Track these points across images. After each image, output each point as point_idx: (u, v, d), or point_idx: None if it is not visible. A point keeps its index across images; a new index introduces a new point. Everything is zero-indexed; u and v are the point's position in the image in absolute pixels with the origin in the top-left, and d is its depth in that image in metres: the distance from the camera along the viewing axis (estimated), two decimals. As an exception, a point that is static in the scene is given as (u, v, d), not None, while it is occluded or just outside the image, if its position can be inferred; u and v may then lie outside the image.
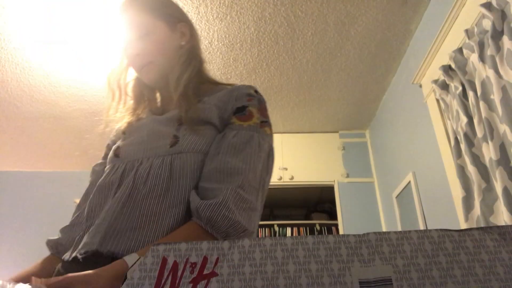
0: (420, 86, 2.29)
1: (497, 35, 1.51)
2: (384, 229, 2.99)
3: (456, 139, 1.80)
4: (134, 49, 0.84)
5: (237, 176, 0.70)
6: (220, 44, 2.46)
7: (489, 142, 1.52)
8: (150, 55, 0.84)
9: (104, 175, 0.80)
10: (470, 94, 1.70)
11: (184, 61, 0.86)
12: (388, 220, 2.98)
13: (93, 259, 0.65)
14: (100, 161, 0.94)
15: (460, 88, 1.80)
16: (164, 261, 0.35)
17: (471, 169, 1.64)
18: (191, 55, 0.89)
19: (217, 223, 0.65)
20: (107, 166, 0.82)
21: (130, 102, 0.93)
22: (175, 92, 0.81)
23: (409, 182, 2.47)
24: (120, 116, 0.91)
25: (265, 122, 0.81)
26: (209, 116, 0.79)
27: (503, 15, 1.50)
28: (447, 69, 1.91)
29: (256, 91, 0.84)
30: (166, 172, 0.72)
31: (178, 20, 0.90)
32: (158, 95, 0.96)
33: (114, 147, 0.85)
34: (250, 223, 0.69)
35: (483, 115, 1.56)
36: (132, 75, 0.94)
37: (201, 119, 0.78)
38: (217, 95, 0.82)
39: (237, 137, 0.75)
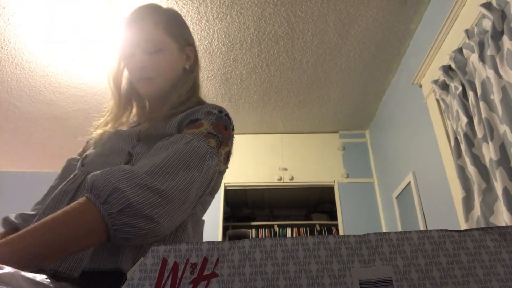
0: (420, 86, 2.29)
1: (497, 35, 1.51)
2: (384, 230, 2.99)
3: (456, 139, 1.80)
4: (142, 61, 0.84)
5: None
6: (220, 44, 2.46)
7: (489, 142, 1.52)
8: (155, 71, 0.85)
9: (65, 181, 0.80)
10: (470, 94, 1.70)
11: (190, 89, 0.87)
12: (388, 221, 2.98)
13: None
14: (76, 156, 0.94)
15: (460, 88, 1.80)
16: (164, 261, 0.35)
17: (471, 169, 1.64)
18: (195, 83, 0.91)
19: (99, 188, 0.59)
20: (74, 172, 0.82)
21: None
22: (168, 110, 0.81)
23: (409, 182, 2.47)
24: (107, 120, 0.91)
25: (214, 135, 0.75)
26: (169, 132, 0.77)
27: (503, 15, 1.50)
28: (447, 69, 1.91)
29: (220, 111, 0.81)
30: None
31: (188, 44, 0.92)
32: (147, 103, 0.96)
33: (84, 154, 0.85)
34: (142, 200, 0.59)
35: (483, 115, 1.56)
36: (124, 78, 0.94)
37: (160, 136, 0.77)
38: (181, 114, 0.80)
39: (167, 140, 0.72)
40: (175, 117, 0.80)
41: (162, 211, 0.61)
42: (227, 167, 0.86)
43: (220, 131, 0.78)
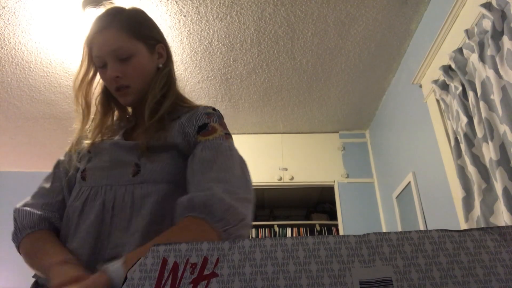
0: (420, 86, 2.29)
1: (497, 35, 1.51)
2: (384, 230, 2.99)
3: (456, 139, 1.80)
4: (115, 71, 0.82)
5: (221, 183, 0.71)
6: (220, 44, 2.46)
7: (489, 142, 1.52)
8: (129, 78, 0.84)
9: (72, 199, 0.80)
10: (470, 94, 1.70)
11: (164, 85, 0.87)
12: (388, 221, 2.98)
13: None
14: (62, 158, 0.93)
15: (460, 88, 1.80)
16: (165, 261, 0.35)
17: (471, 169, 1.64)
18: (170, 79, 0.90)
19: (213, 207, 0.65)
20: (76, 187, 0.82)
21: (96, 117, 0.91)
22: (151, 116, 0.82)
23: (409, 182, 2.47)
24: (89, 131, 0.90)
25: (228, 135, 0.83)
26: (173, 141, 0.81)
27: (503, 15, 1.50)
28: (447, 69, 1.91)
29: (214, 109, 0.87)
30: (128, 203, 0.74)
31: (157, 42, 0.90)
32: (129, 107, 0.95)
33: (81, 168, 0.84)
34: (247, 212, 0.69)
35: (483, 115, 1.56)
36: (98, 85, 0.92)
37: (164, 146, 0.80)
38: (180, 121, 0.84)
39: (204, 150, 0.77)
40: (172, 124, 0.82)
41: (250, 213, 0.71)
42: None
43: (227, 129, 0.85)
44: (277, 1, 2.15)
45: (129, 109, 0.96)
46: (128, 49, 0.83)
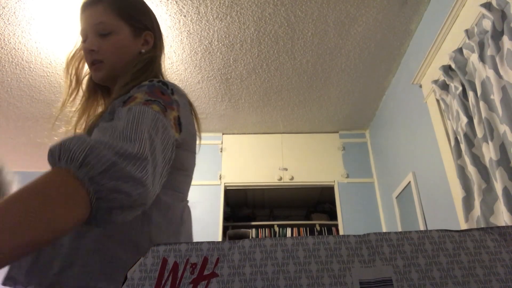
0: (420, 86, 2.29)
1: (497, 35, 1.51)
2: (384, 230, 2.99)
3: (456, 139, 1.80)
4: (91, 44, 0.83)
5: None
6: (220, 44, 2.46)
7: (489, 142, 1.52)
8: (104, 54, 0.83)
9: None
10: (470, 94, 1.70)
11: (138, 70, 0.81)
12: (388, 220, 2.98)
13: None
14: None
15: (460, 88, 1.80)
16: (164, 261, 0.35)
17: (471, 169, 1.64)
18: (147, 65, 0.84)
19: (70, 148, 0.49)
20: None
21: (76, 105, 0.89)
22: (115, 95, 0.77)
23: (409, 182, 2.47)
24: (70, 116, 0.89)
25: (153, 101, 0.66)
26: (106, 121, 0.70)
27: (503, 15, 1.50)
28: (447, 69, 1.91)
29: (151, 80, 0.73)
30: None
31: (145, 28, 0.90)
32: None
33: None
34: (126, 161, 0.52)
35: (483, 115, 1.56)
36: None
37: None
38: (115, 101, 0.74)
39: (104, 122, 0.63)
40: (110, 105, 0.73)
41: (144, 171, 0.53)
42: (188, 141, 0.77)
43: (158, 96, 0.69)
44: (277, 1, 2.15)
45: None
46: (109, 26, 0.83)
